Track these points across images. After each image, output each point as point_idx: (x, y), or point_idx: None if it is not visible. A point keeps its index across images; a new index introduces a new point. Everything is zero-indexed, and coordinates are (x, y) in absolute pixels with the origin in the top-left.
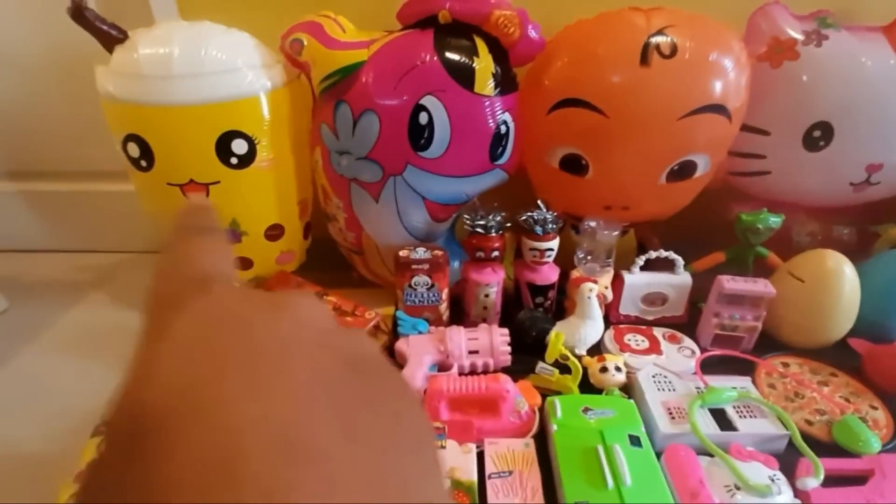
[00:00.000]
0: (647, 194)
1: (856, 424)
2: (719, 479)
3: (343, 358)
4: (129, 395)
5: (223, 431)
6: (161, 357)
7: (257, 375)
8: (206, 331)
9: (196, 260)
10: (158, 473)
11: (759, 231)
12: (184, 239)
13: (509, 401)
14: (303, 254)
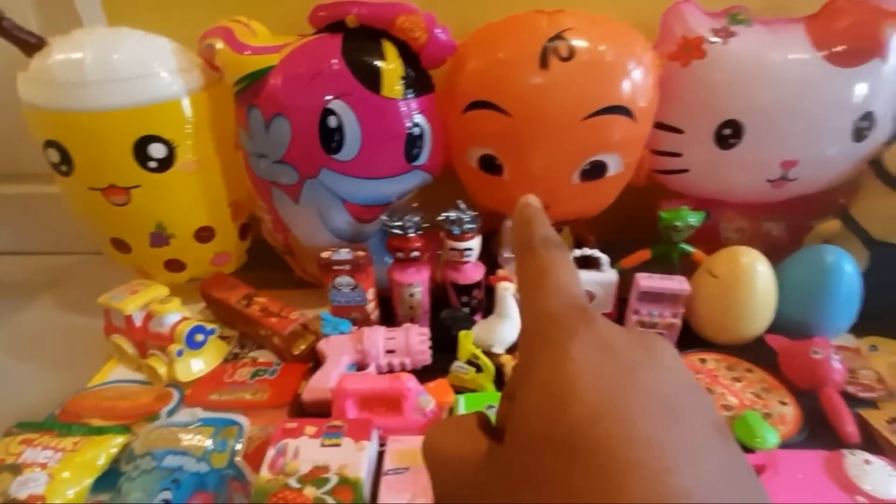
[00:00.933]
0: (563, 193)
1: (754, 420)
2: None
3: (712, 419)
4: (545, 415)
5: (638, 469)
6: (574, 382)
7: (659, 422)
8: (603, 364)
9: (569, 285)
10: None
11: (679, 228)
12: (543, 257)
13: (411, 399)
14: (241, 255)
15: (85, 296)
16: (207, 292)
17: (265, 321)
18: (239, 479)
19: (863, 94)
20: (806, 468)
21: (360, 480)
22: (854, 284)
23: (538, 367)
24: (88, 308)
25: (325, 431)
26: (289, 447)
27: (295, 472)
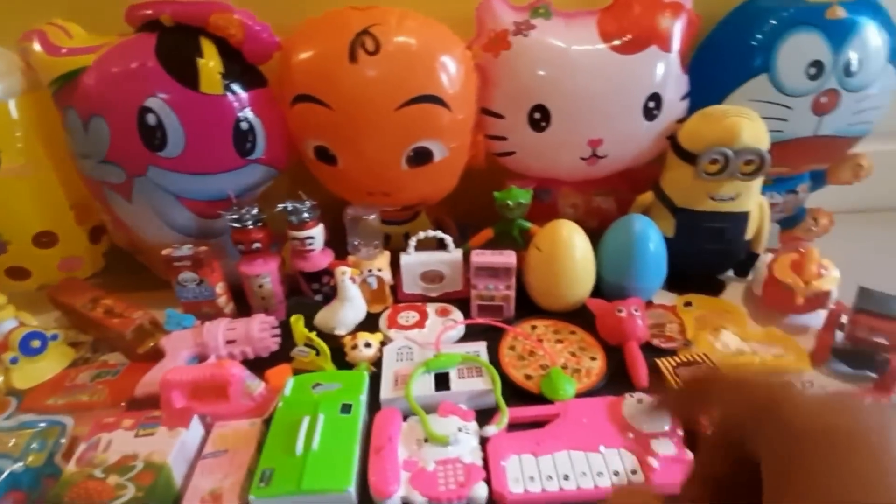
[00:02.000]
0: (398, 180)
1: (556, 376)
2: (414, 434)
3: None
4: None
5: None
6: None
7: None
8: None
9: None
10: None
11: (511, 207)
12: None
13: (236, 385)
14: (97, 259)
15: None
16: (56, 298)
17: (108, 322)
18: (55, 475)
19: (646, 78)
20: (591, 413)
21: (166, 464)
22: (660, 249)
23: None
24: None
25: (141, 422)
26: (101, 441)
27: (102, 463)
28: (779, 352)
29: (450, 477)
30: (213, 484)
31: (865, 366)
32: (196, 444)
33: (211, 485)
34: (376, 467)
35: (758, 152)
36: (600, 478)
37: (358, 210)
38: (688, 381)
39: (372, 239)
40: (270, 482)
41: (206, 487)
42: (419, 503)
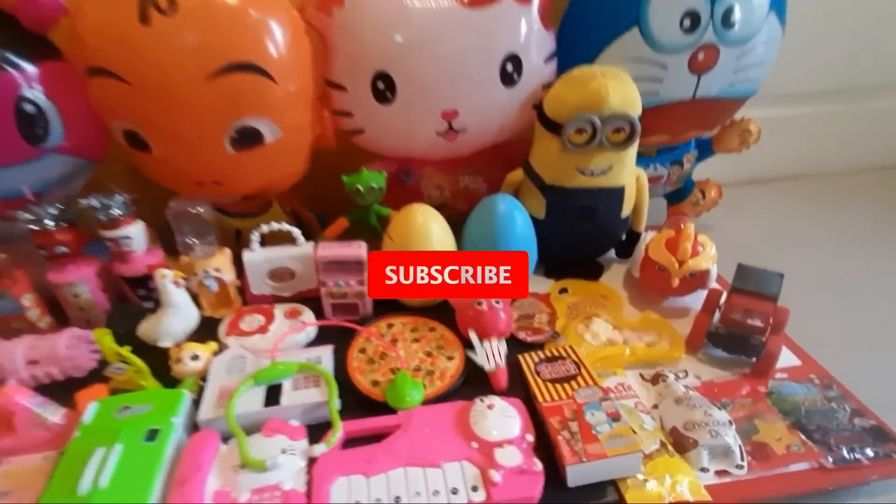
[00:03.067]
0: (226, 167)
1: (402, 381)
2: (234, 459)
3: None
4: None
5: None
6: None
7: None
8: None
9: None
10: None
11: (363, 193)
12: None
13: (22, 414)
14: None
15: None
16: None
17: None
18: None
19: (502, 37)
20: (436, 421)
21: None
22: (527, 232)
23: None
24: None
25: None
26: None
27: None
28: (653, 339)
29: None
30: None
31: (741, 350)
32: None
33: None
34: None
35: (627, 118)
36: (436, 497)
37: (182, 203)
38: None
39: (205, 235)
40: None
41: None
42: None
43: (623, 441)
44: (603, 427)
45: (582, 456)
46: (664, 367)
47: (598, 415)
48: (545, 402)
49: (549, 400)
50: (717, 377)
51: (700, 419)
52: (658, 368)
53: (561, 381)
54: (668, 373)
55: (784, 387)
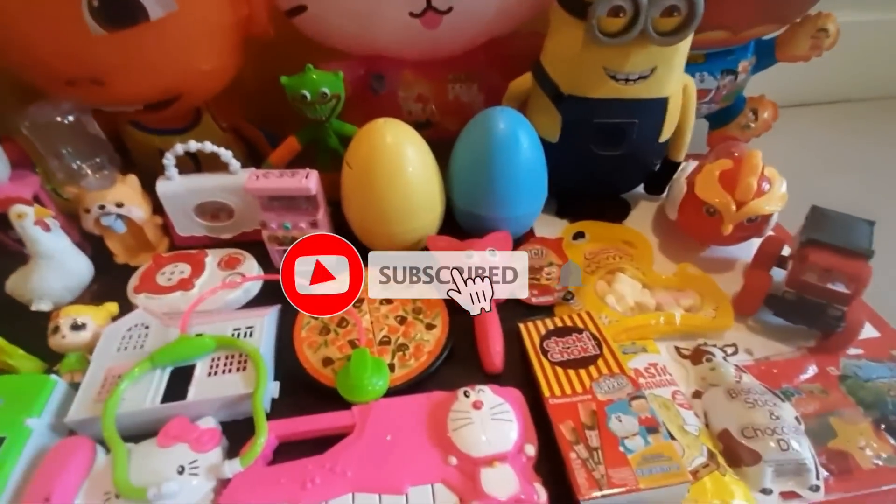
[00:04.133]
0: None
1: (358, 363)
2: (109, 482)
3: None
4: None
5: None
6: None
7: None
8: None
9: None
10: None
11: (309, 101)
12: None
13: None
14: None
15: None
16: None
17: None
18: None
19: None
20: (403, 423)
21: None
22: (535, 159)
23: None
24: None
25: None
26: None
27: None
28: (692, 302)
29: None
30: None
31: (813, 321)
32: None
33: None
34: None
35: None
36: None
37: (45, 109)
38: None
39: (92, 155)
40: None
41: None
42: None
43: (664, 467)
44: (634, 441)
45: (603, 485)
46: (707, 338)
47: (628, 421)
48: (553, 399)
49: (558, 394)
50: (773, 353)
51: (763, 423)
52: (698, 341)
53: (575, 364)
54: (712, 348)
55: (861, 368)
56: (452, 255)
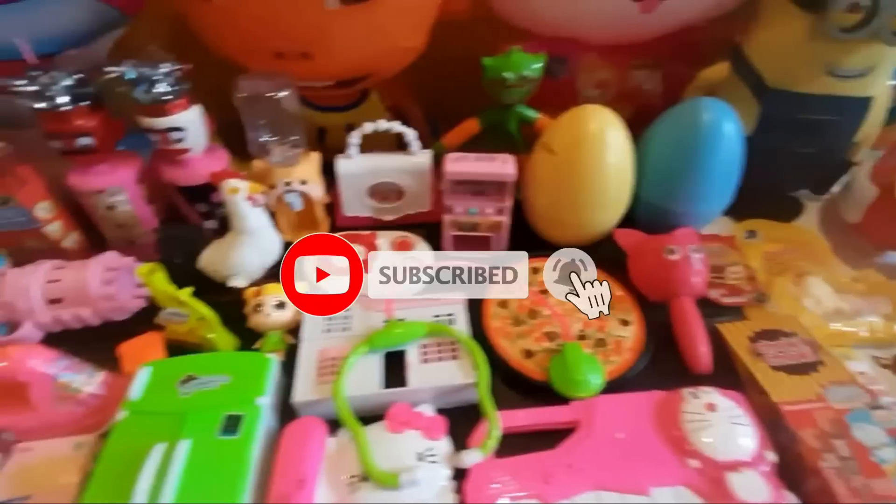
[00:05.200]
0: (323, 28)
1: (573, 356)
2: (349, 465)
3: None
4: None
5: None
6: None
7: None
8: None
9: None
10: None
11: (510, 83)
12: None
13: (39, 384)
14: None
15: None
16: None
17: None
18: None
19: None
20: (630, 422)
21: None
22: (734, 152)
23: None
24: None
25: None
26: None
27: None
28: (889, 310)
29: None
30: None
31: None
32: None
33: None
34: None
35: None
36: None
37: (259, 84)
38: None
39: (288, 132)
40: None
41: None
42: None
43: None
44: (887, 452)
45: (866, 496)
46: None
47: (873, 431)
48: (787, 404)
49: (790, 400)
50: None
51: None
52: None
53: (797, 370)
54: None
55: None
56: (651, 244)
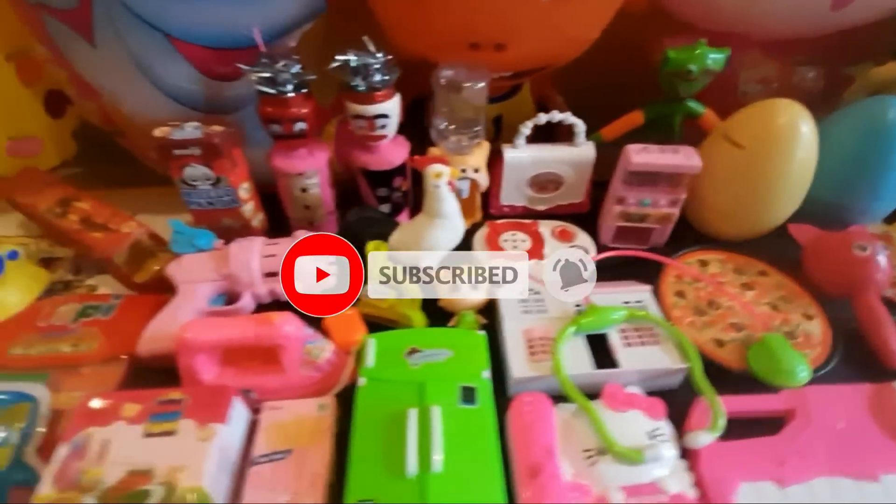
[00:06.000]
0: (527, 20)
1: (779, 347)
2: (580, 440)
3: None
4: None
5: None
6: None
7: None
8: None
9: None
10: None
11: (692, 75)
12: None
13: (292, 349)
14: (64, 141)
15: None
16: (12, 197)
17: (85, 237)
18: (29, 483)
19: None
20: (847, 411)
21: (203, 490)
22: None
23: None
24: None
25: (153, 411)
26: (92, 442)
27: (96, 484)
28: None
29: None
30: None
31: None
32: (240, 440)
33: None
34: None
35: None
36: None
37: (459, 73)
38: None
39: (473, 123)
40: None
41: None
42: None
43: None
44: None
45: None
46: None
47: None
48: None
49: None
50: None
51: None
52: None
53: None
54: None
55: None
56: (837, 240)
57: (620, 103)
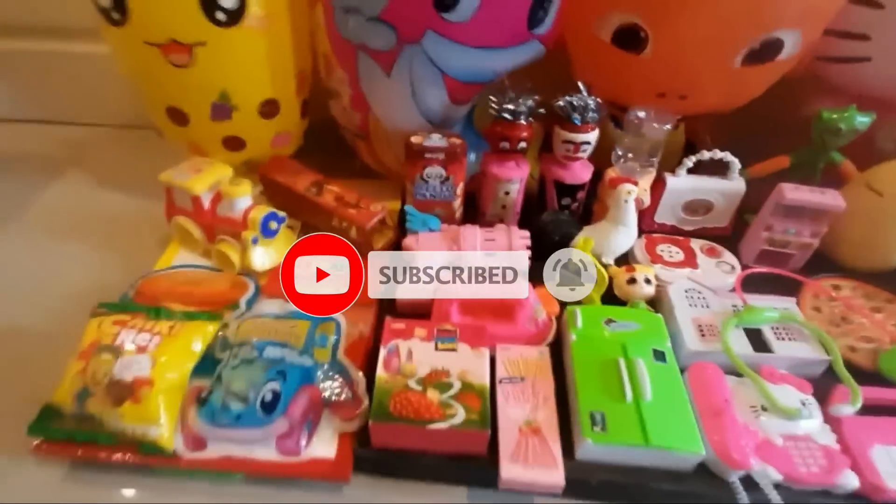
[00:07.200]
0: (714, 80)
1: None
2: (745, 399)
3: None
4: None
5: None
6: None
7: None
8: None
9: None
10: None
11: (841, 132)
12: None
13: (527, 308)
14: (300, 136)
15: (113, 172)
16: (269, 177)
17: (342, 212)
18: (343, 375)
19: None
20: None
21: (486, 388)
22: None
23: None
24: (120, 185)
25: (437, 335)
26: (401, 348)
27: (413, 374)
28: None
29: (807, 458)
30: (525, 415)
31: None
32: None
33: (523, 415)
34: (724, 433)
35: None
36: None
37: (650, 115)
38: None
39: (648, 153)
40: (606, 428)
41: (519, 418)
42: (774, 481)
43: None
44: None
45: None
46: None
47: None
48: None
49: None
50: None
51: None
52: None
53: None
54: None
55: None
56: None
57: (756, 145)
